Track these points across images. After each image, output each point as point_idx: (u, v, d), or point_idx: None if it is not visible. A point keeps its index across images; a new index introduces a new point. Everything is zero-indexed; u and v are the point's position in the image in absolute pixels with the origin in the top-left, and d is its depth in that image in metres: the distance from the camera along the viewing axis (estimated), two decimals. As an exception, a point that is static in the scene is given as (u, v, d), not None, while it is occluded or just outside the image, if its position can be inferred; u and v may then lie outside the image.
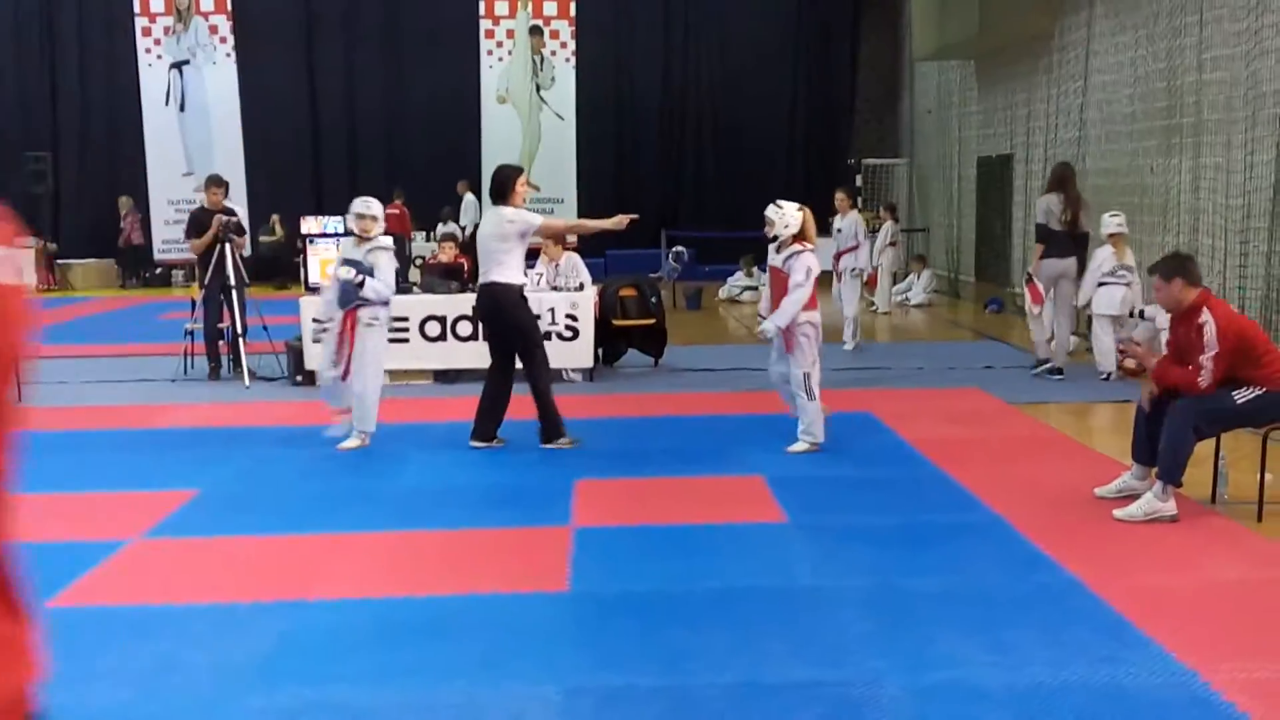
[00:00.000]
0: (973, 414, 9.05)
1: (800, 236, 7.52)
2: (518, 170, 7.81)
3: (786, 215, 7.53)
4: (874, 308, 16.31)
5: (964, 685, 4.12)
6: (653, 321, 11.37)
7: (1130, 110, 12.75)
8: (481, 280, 7.60)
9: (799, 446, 7.58)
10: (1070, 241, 10.49)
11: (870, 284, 17.21)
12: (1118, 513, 6.17)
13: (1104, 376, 10.30)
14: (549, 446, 7.71)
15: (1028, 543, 5.73)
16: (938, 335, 14.07)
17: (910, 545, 5.74)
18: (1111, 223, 10.38)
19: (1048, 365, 10.63)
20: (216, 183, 11.26)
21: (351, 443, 7.83)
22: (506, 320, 7.67)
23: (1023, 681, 4.14)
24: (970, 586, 5.12)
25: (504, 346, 7.74)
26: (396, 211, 20.05)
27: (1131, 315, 10.60)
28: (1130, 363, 10.37)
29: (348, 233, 8.35)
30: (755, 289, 18.05)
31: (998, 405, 9.32)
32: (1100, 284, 10.29)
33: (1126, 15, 12.87)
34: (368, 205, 7.85)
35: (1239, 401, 6.18)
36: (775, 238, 7.56)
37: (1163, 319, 9.55)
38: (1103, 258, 10.37)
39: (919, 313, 16.61)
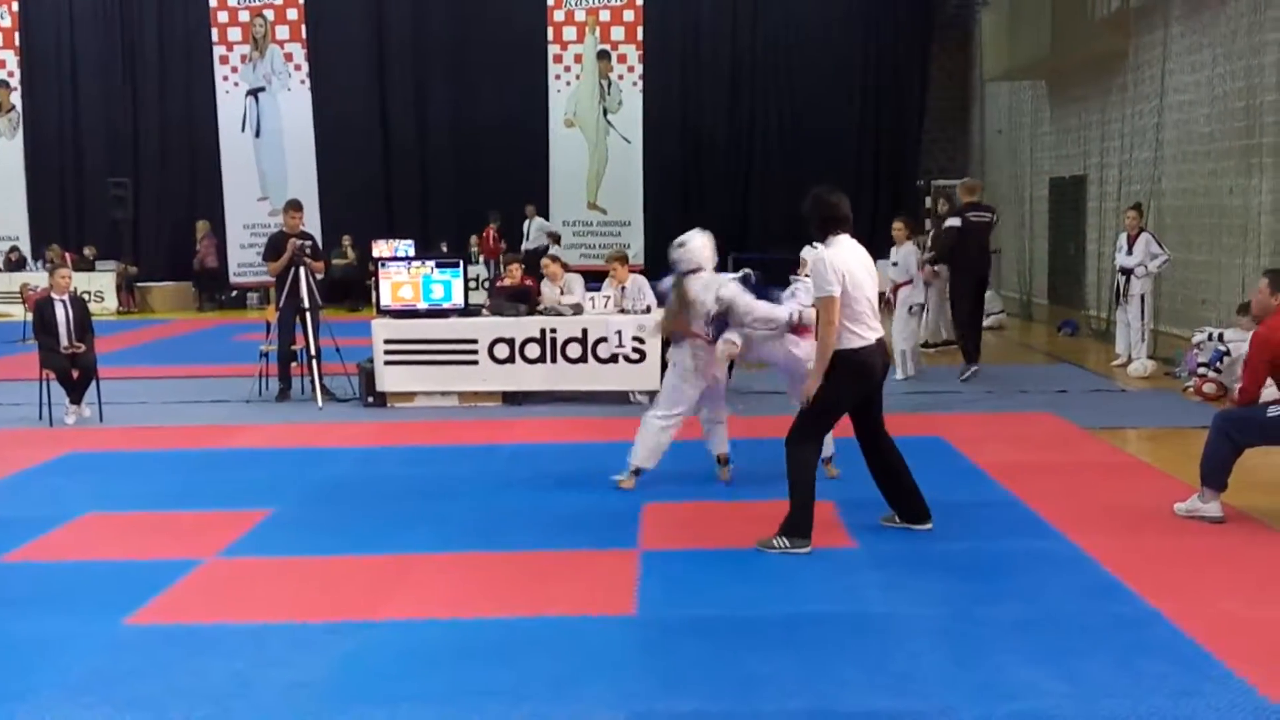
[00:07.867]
0: (1046, 439, 8.91)
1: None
2: None
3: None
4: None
5: (1037, 716, 4.05)
6: (720, 344, 11.33)
7: (1208, 130, 12.52)
8: (879, 335, 6.13)
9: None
10: None
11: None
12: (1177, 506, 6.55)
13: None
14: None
15: (1103, 571, 5.62)
16: (1009, 358, 13.86)
17: (983, 573, 5.66)
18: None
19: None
20: (295, 207, 11.46)
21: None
22: None
23: (1098, 714, 4.06)
24: (1044, 615, 5.04)
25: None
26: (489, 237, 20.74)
27: (1210, 339, 10.41)
28: (1209, 387, 10.21)
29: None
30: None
31: (1072, 430, 9.16)
32: None
33: (1204, 34, 12.66)
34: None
35: (1267, 415, 6.16)
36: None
37: (1239, 347, 9.40)
38: None
39: (989, 335, 16.35)
